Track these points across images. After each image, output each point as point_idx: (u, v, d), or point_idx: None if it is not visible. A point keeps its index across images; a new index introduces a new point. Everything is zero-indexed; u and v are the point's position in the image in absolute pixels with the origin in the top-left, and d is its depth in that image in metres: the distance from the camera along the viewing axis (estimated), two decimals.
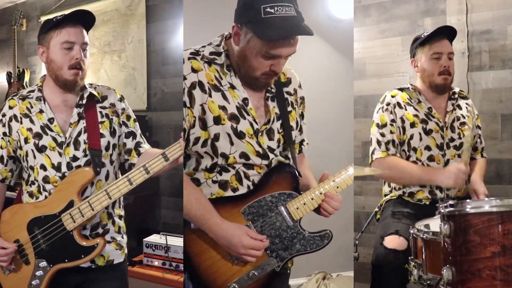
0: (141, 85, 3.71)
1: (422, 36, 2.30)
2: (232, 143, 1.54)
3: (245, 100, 1.57)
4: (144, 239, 2.89)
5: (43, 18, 4.31)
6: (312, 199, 1.59)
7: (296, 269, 1.95)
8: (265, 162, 1.59)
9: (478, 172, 2.33)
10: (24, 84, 4.40)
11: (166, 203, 3.61)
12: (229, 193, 1.57)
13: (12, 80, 4.45)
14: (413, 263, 1.79)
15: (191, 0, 2.83)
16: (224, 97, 1.55)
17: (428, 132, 2.25)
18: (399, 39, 3.04)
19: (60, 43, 1.73)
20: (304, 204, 1.58)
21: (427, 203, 2.26)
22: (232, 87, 1.57)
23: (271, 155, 1.60)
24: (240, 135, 1.55)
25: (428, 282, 1.69)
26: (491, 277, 1.37)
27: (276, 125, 1.63)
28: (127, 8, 3.75)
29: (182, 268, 2.37)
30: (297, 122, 1.72)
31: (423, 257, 1.72)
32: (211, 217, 1.52)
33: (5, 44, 4.76)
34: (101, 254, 1.80)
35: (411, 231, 1.81)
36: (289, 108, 1.68)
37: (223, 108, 1.54)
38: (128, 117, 1.91)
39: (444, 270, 1.43)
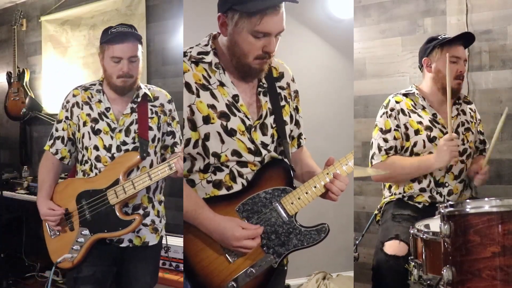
0: None
1: (439, 37, 2.28)
2: (223, 142, 1.54)
3: (235, 97, 1.57)
4: None
5: (43, 18, 4.31)
6: (307, 193, 1.58)
7: (296, 269, 1.95)
8: (258, 159, 1.58)
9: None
10: (24, 84, 4.39)
11: (166, 203, 3.58)
12: (223, 191, 1.56)
13: (12, 80, 4.45)
14: (413, 263, 1.79)
15: (191, 0, 2.83)
16: (213, 96, 1.55)
17: (432, 140, 2.24)
18: (399, 39, 3.03)
19: (110, 57, 1.99)
20: (299, 199, 1.58)
21: (427, 204, 2.24)
22: (221, 84, 1.57)
23: (263, 152, 1.59)
24: (231, 133, 1.55)
25: (428, 282, 1.69)
26: (491, 277, 1.37)
27: (269, 120, 1.62)
28: (127, 8, 3.75)
29: (182, 268, 2.36)
30: (291, 116, 1.71)
31: (423, 257, 1.72)
32: (203, 212, 1.51)
33: (5, 44, 4.76)
34: (138, 235, 2.04)
35: (411, 231, 1.81)
36: (282, 103, 1.67)
37: (212, 106, 1.54)
38: (173, 118, 2.16)
39: (444, 270, 1.44)
